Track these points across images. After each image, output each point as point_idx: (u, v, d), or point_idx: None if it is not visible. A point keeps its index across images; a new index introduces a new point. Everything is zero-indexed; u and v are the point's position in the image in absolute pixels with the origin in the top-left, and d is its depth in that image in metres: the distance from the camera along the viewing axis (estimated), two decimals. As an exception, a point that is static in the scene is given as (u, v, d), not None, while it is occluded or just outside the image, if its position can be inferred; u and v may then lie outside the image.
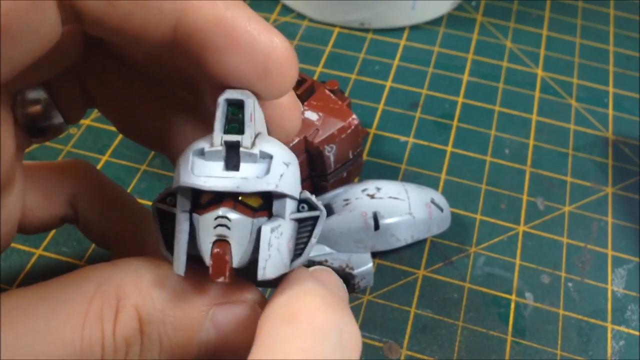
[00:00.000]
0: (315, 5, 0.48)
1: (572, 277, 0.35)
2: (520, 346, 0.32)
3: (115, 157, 0.40)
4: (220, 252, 0.18)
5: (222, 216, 0.18)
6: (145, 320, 0.18)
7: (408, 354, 0.32)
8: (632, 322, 0.33)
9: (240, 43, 0.18)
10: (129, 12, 0.17)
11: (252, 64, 0.18)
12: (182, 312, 0.19)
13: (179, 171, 0.19)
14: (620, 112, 0.44)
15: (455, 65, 0.47)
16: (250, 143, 0.18)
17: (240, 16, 0.18)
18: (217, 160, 0.18)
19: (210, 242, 0.18)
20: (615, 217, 0.38)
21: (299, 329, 0.17)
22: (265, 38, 0.18)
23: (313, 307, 0.17)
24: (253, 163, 0.18)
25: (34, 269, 0.34)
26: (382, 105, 0.43)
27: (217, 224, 0.18)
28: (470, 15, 0.50)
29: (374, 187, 0.34)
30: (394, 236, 0.33)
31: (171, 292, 0.19)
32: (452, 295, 0.34)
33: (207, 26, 0.17)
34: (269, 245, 0.18)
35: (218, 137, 0.18)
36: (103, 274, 0.19)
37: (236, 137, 0.18)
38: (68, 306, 0.18)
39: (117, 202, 0.26)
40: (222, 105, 0.18)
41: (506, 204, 0.38)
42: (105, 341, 0.18)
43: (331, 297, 0.18)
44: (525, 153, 0.41)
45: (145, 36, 0.18)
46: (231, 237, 0.18)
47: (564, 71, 0.47)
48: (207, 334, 0.19)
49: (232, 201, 0.18)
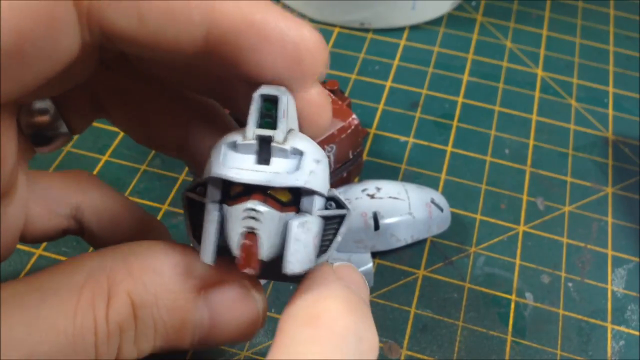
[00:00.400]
0: (315, 5, 0.48)
1: (572, 277, 0.35)
2: (520, 346, 0.32)
3: (115, 157, 0.40)
4: (249, 244, 0.18)
5: (252, 208, 0.18)
6: (138, 305, 0.18)
7: (408, 354, 0.32)
8: (632, 322, 0.33)
9: (272, 39, 0.18)
10: (160, 29, 0.17)
11: (285, 56, 0.18)
12: (175, 295, 0.19)
13: (210, 162, 0.19)
14: (620, 112, 0.44)
15: (455, 65, 0.47)
16: (283, 138, 0.18)
17: (269, 14, 0.18)
18: (249, 154, 0.19)
19: (239, 233, 0.18)
20: (615, 217, 0.38)
21: (318, 333, 0.17)
22: (295, 31, 0.18)
23: (335, 311, 0.17)
24: (284, 158, 0.18)
25: (34, 269, 0.34)
26: (382, 105, 0.43)
27: (246, 216, 0.18)
28: (470, 15, 0.50)
29: (374, 187, 0.34)
30: (394, 236, 0.33)
31: (163, 275, 0.19)
32: (452, 295, 0.34)
33: (239, 30, 0.18)
34: (296, 240, 0.18)
35: (251, 131, 0.18)
36: (92, 263, 0.19)
37: (269, 132, 0.18)
38: (59, 295, 0.18)
39: (124, 214, 0.26)
40: (257, 100, 0.18)
41: (506, 204, 0.38)
42: (98, 328, 0.18)
43: (354, 301, 0.18)
44: (525, 153, 0.41)
45: (178, 49, 0.18)
46: (260, 229, 0.18)
47: (564, 71, 0.47)
48: (200, 316, 0.19)
49: (261, 194, 0.18)
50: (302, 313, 0.17)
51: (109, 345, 0.18)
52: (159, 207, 0.37)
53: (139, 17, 0.17)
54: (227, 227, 0.18)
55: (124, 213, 0.26)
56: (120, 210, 0.26)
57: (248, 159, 0.18)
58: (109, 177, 0.39)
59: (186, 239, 0.20)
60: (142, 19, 0.17)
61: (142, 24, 0.17)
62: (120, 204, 0.26)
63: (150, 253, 0.19)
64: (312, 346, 0.16)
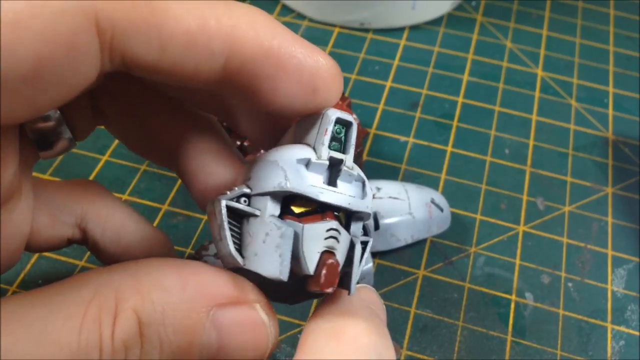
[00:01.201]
0: (315, 5, 0.48)
1: (572, 277, 0.35)
2: (520, 346, 0.32)
3: (115, 157, 0.40)
4: (334, 263, 0.18)
5: (335, 229, 0.18)
6: (145, 323, 0.18)
7: (408, 354, 0.32)
8: (632, 322, 0.33)
9: (289, 68, 0.18)
10: (180, 59, 0.17)
11: (302, 85, 0.19)
12: (182, 314, 0.18)
13: (283, 175, 0.19)
14: (620, 112, 0.44)
15: (455, 65, 0.47)
16: (352, 164, 0.19)
17: (285, 43, 0.18)
18: (319, 174, 0.19)
19: (319, 252, 0.18)
20: (615, 217, 0.38)
21: (342, 347, 0.17)
22: (311, 60, 0.19)
23: (359, 328, 0.18)
24: (349, 183, 0.19)
25: (34, 269, 0.34)
26: (382, 105, 0.43)
27: (329, 236, 0.18)
28: (470, 15, 0.50)
29: (374, 187, 0.34)
30: (394, 236, 0.33)
31: (172, 294, 0.18)
32: (452, 295, 0.34)
33: (256, 58, 0.18)
34: (360, 261, 0.19)
35: (326, 152, 0.19)
36: (100, 279, 0.18)
37: (341, 155, 0.19)
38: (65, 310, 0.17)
39: (128, 224, 0.26)
40: (331, 123, 0.19)
41: (506, 204, 0.38)
42: (103, 345, 0.17)
43: (376, 321, 0.19)
44: (525, 153, 0.41)
45: (197, 79, 0.18)
46: (337, 249, 0.19)
47: (564, 71, 0.47)
48: (208, 336, 0.19)
49: (333, 215, 0.19)
50: (326, 327, 0.18)
51: None
52: (159, 207, 0.37)
53: (160, 48, 0.17)
54: (302, 244, 0.18)
55: (129, 223, 0.26)
56: (125, 221, 0.26)
57: (317, 178, 0.19)
58: (109, 177, 0.39)
59: (186, 241, 0.20)
60: (163, 49, 0.17)
61: (163, 54, 0.17)
62: (125, 215, 0.26)
63: (160, 270, 0.19)
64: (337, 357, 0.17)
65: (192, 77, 0.18)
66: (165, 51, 0.17)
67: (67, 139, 0.23)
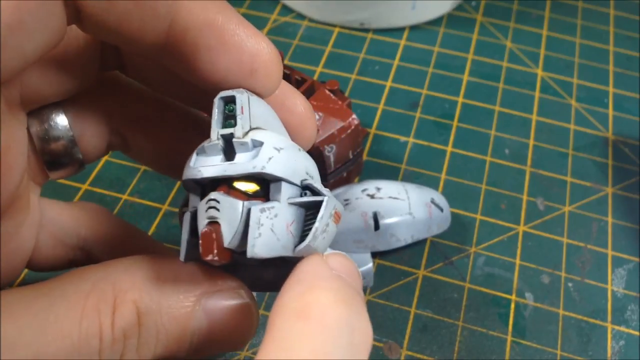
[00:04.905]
0: (315, 5, 0.48)
1: (572, 277, 0.35)
2: (520, 346, 0.32)
3: (115, 157, 0.40)
4: (208, 231, 0.18)
5: (212, 199, 0.18)
6: (143, 313, 0.19)
7: (408, 354, 0.32)
8: (632, 322, 0.33)
9: (229, 44, 0.19)
10: (126, 13, 0.18)
11: (240, 64, 0.19)
12: (175, 302, 0.20)
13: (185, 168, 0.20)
14: (620, 112, 0.44)
15: (455, 65, 0.47)
16: (242, 133, 0.19)
17: (230, 20, 0.19)
18: (216, 154, 0.19)
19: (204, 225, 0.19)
20: (615, 217, 0.38)
21: (309, 327, 0.17)
22: (252, 41, 0.19)
23: (325, 302, 0.17)
24: (247, 152, 0.19)
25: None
26: (382, 105, 0.43)
27: (207, 207, 0.18)
28: (470, 15, 0.50)
29: (374, 187, 0.34)
30: (394, 236, 0.33)
31: (165, 285, 0.20)
32: (452, 295, 0.34)
33: (199, 27, 0.19)
34: (259, 225, 0.18)
35: (215, 132, 0.19)
36: (97, 273, 0.20)
37: (230, 130, 0.19)
38: (66, 301, 0.19)
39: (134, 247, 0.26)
40: (217, 102, 0.19)
41: (506, 204, 0.38)
42: (103, 333, 0.19)
43: (345, 290, 0.18)
44: (525, 153, 0.41)
45: (142, 37, 0.19)
46: (221, 218, 0.18)
47: (564, 71, 0.47)
48: (199, 322, 0.20)
49: (226, 187, 0.19)
50: (292, 305, 0.17)
51: (113, 351, 0.19)
52: (159, 207, 0.37)
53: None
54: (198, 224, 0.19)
55: (134, 246, 0.26)
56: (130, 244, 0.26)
57: (216, 159, 0.19)
58: (109, 177, 0.39)
59: None
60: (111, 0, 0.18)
61: (110, 5, 0.18)
62: (130, 237, 0.26)
63: (151, 265, 0.20)
64: (304, 342, 0.16)
65: (137, 37, 0.18)
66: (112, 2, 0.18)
67: (76, 160, 0.24)
